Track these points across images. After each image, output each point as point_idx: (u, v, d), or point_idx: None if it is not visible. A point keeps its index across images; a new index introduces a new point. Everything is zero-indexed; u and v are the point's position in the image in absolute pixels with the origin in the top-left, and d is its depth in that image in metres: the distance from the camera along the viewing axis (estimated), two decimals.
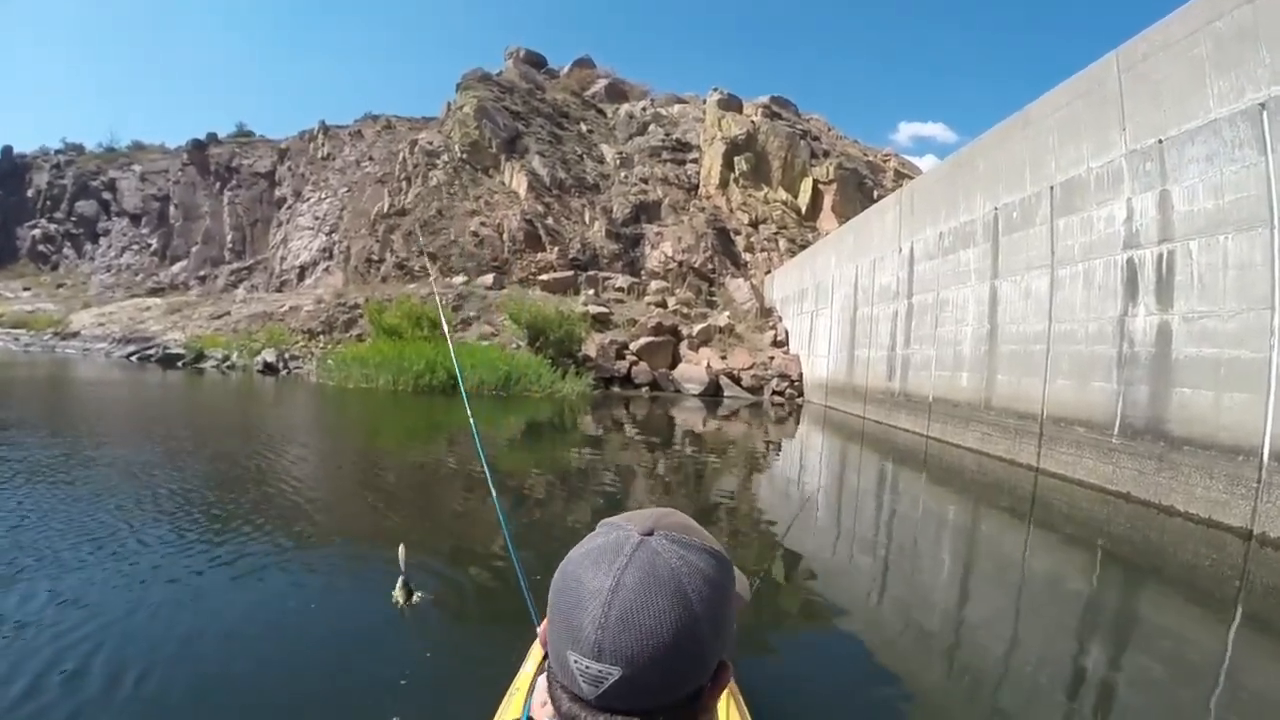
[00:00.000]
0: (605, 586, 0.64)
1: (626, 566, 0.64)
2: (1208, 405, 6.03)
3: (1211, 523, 5.82)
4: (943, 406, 11.21)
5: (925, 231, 12.47)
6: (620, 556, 0.65)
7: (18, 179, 55.25)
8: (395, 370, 16.99)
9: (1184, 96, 6.52)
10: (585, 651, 0.62)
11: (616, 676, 0.62)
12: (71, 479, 6.31)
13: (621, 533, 0.69)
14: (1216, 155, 6.12)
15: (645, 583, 0.64)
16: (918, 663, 3.51)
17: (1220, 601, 4.58)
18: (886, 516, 7.29)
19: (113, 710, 2.54)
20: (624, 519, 0.71)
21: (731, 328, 23.55)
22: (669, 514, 0.73)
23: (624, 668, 0.61)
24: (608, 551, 0.67)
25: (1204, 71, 6.29)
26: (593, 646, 0.62)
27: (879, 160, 36.44)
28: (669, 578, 0.64)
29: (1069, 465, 7.85)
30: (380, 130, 47.24)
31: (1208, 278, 6.15)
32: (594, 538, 0.71)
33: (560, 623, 0.66)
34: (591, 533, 0.73)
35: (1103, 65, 7.79)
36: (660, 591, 0.63)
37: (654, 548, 0.66)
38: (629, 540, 0.67)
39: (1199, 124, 6.32)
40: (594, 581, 0.65)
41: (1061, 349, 8.25)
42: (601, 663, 0.62)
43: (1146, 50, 7.09)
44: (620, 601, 0.62)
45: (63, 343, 31.48)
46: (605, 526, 0.72)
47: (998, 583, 5.15)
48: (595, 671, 0.62)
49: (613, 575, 0.64)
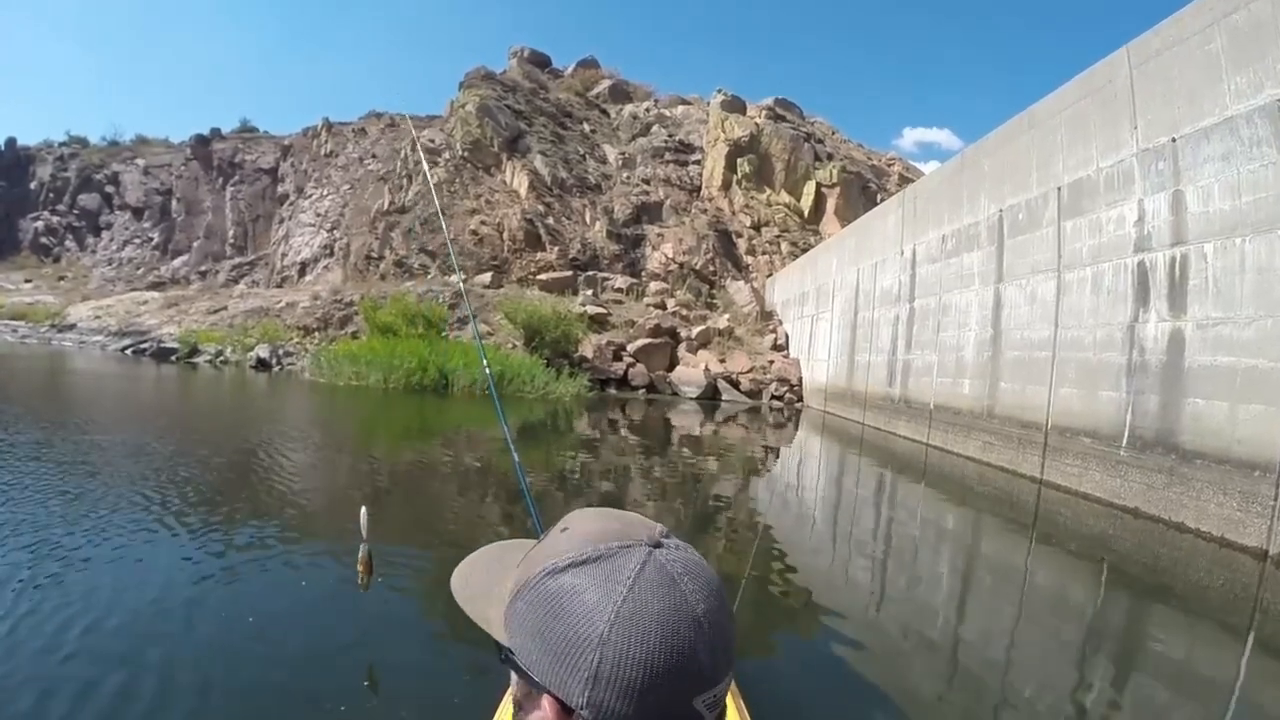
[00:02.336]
0: (697, 612, 0.59)
1: (690, 584, 0.61)
2: (1222, 417, 5.72)
3: (1224, 541, 5.52)
4: (944, 414, 10.90)
5: (928, 234, 12.17)
6: (677, 580, 0.60)
7: (21, 171, 55.28)
8: (386, 368, 16.73)
9: (1198, 93, 6.25)
10: (711, 683, 0.59)
11: (725, 683, 0.61)
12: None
13: (636, 556, 0.61)
14: (1233, 154, 5.84)
15: (708, 586, 0.62)
16: (915, 675, 3.45)
17: (1232, 625, 4.36)
18: (884, 527, 7.10)
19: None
20: (605, 542, 0.62)
21: (731, 331, 23.27)
22: (628, 516, 0.68)
23: (732, 667, 0.62)
24: (663, 581, 0.60)
25: (1220, 67, 6.02)
26: (711, 674, 0.59)
27: (883, 164, 36.16)
28: (707, 570, 0.64)
29: (1074, 478, 7.54)
30: (384, 128, 47.17)
31: (1223, 282, 5.85)
32: (611, 582, 0.59)
33: (665, 682, 0.57)
34: (569, 575, 0.61)
35: (1113, 61, 7.50)
36: (716, 585, 0.63)
37: (681, 553, 0.63)
38: (661, 560, 0.62)
39: (1214, 121, 6.04)
40: (684, 617, 0.59)
41: (1068, 356, 7.94)
42: (722, 680, 0.60)
43: (1159, 45, 6.81)
44: (713, 613, 0.60)
45: (59, 335, 31.35)
46: (598, 566, 0.61)
47: (998, 597, 4.98)
48: (720, 693, 0.60)
49: (690, 600, 0.59)
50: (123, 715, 2.45)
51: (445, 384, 16.70)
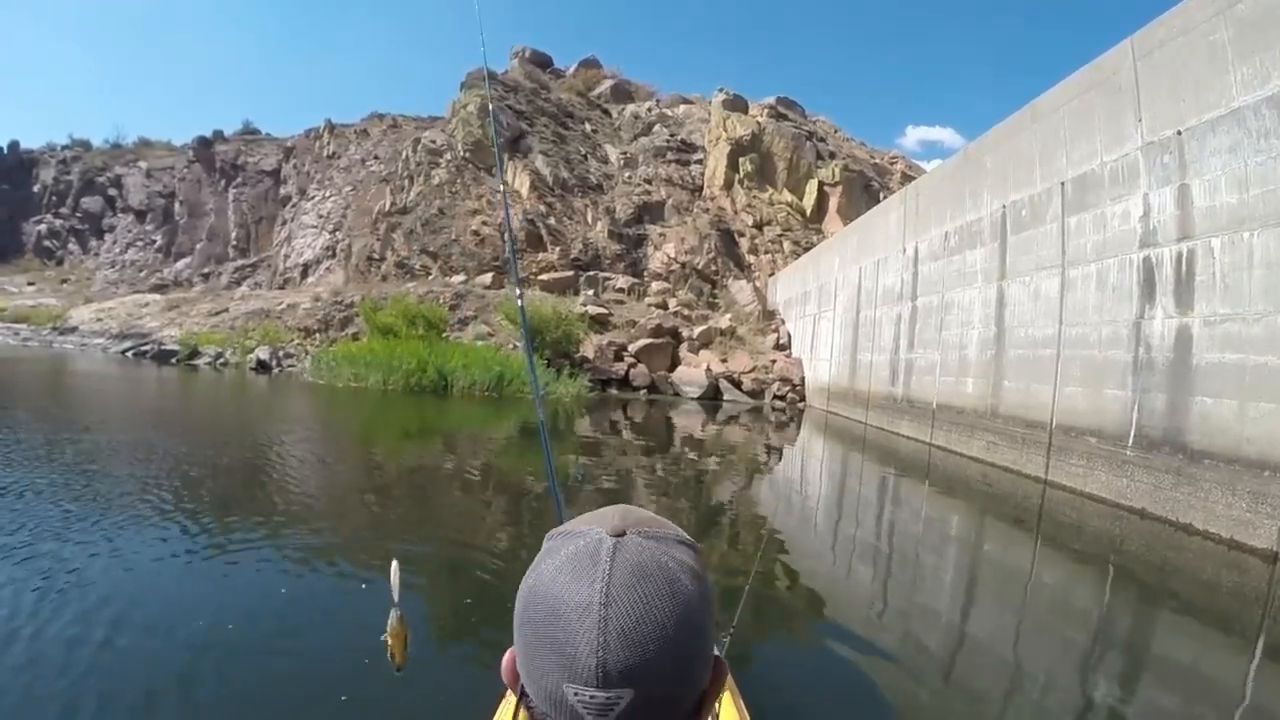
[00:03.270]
0: (594, 601, 0.54)
1: (611, 573, 0.56)
2: (1231, 415, 5.59)
3: (1233, 543, 5.39)
4: (947, 413, 10.77)
5: (930, 231, 12.05)
6: (599, 564, 0.56)
7: (24, 174, 55.44)
8: (385, 370, 16.65)
9: (1204, 84, 6.12)
10: (587, 681, 0.53)
11: (628, 700, 0.53)
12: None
13: (588, 538, 0.59)
14: (1240, 146, 5.71)
15: (637, 588, 0.55)
16: (917, 678, 3.41)
17: (1241, 629, 4.26)
18: (888, 529, 7.04)
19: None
20: (580, 523, 0.63)
21: (733, 330, 23.15)
22: (629, 510, 0.64)
23: (635, 688, 0.53)
24: (583, 561, 0.57)
25: (1226, 57, 5.89)
26: (594, 674, 0.53)
27: (886, 163, 35.97)
28: (660, 576, 0.57)
29: (1079, 478, 7.41)
30: (386, 129, 47.17)
31: (1231, 278, 5.71)
32: (555, 550, 0.60)
33: (544, 654, 0.56)
34: (546, 547, 0.62)
35: (1117, 53, 7.37)
36: (655, 594, 0.56)
37: (632, 547, 0.58)
38: (602, 544, 0.58)
39: (1221, 113, 5.91)
40: (577, 597, 0.55)
41: (1073, 354, 7.81)
42: (609, 689, 0.53)
43: (1164, 36, 6.68)
44: (616, 616, 0.54)
45: (60, 338, 31.36)
46: (562, 536, 0.62)
47: (1001, 599, 4.91)
48: (603, 700, 0.53)
49: (598, 587, 0.55)
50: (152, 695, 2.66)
51: (445, 385, 16.61)
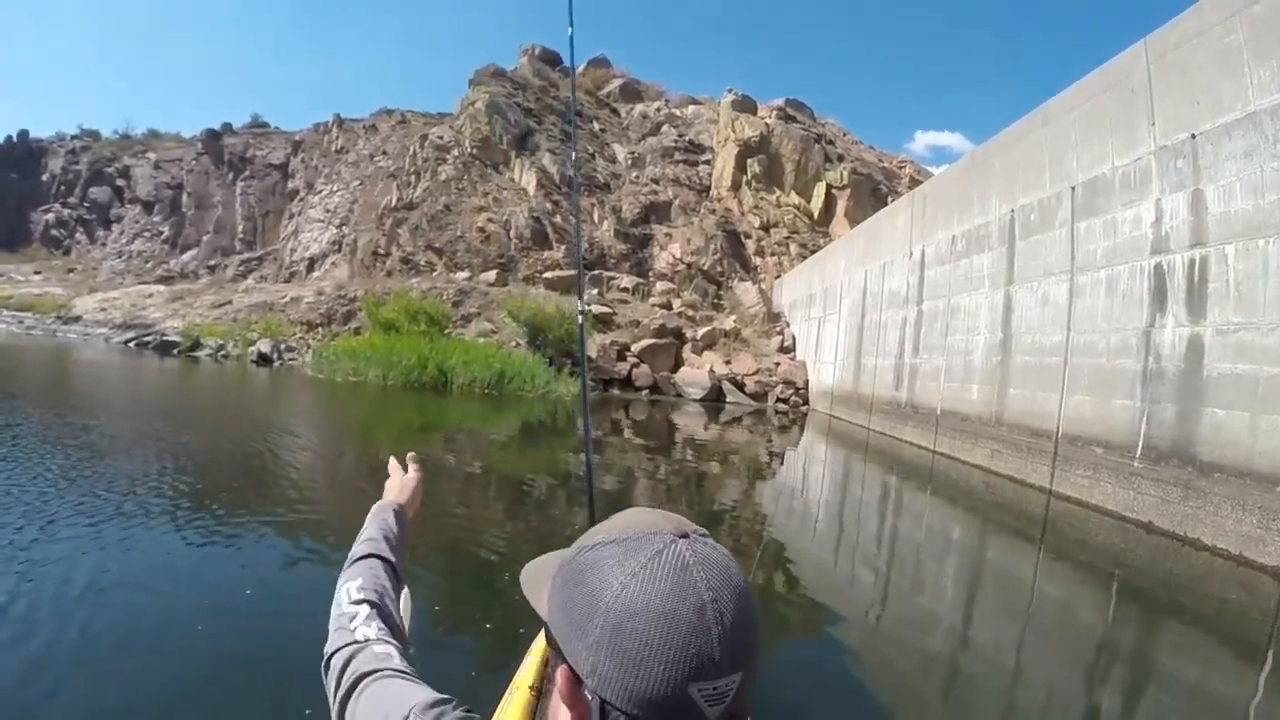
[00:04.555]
0: (704, 599, 0.58)
1: (705, 574, 0.60)
2: (1243, 428, 5.43)
3: (1243, 560, 5.23)
4: (951, 420, 10.61)
5: (937, 235, 11.88)
6: (689, 568, 0.60)
7: (33, 163, 55.67)
8: (385, 365, 16.55)
9: (1219, 87, 5.97)
10: (711, 674, 0.57)
11: (739, 682, 0.58)
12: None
13: (658, 544, 0.62)
14: (1256, 150, 5.56)
15: (728, 582, 0.61)
16: (916, 689, 3.39)
17: (1249, 649, 4.11)
18: (888, 534, 6.94)
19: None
20: (628, 529, 0.64)
21: (737, 332, 22.98)
22: (659, 512, 0.68)
23: (743, 670, 0.59)
24: (671, 566, 0.60)
25: (1241, 60, 5.75)
26: (718, 664, 0.57)
27: (894, 167, 35.76)
28: (732, 568, 0.62)
29: (1085, 489, 7.24)
30: (395, 124, 47.10)
31: (1245, 286, 5.55)
32: (622, 560, 0.61)
33: (660, 661, 0.57)
34: (600, 556, 0.62)
35: (1129, 56, 7.21)
36: (740, 585, 0.61)
37: (701, 547, 0.62)
38: (678, 547, 0.61)
39: (1236, 117, 5.76)
40: (690, 600, 0.58)
41: (1080, 362, 7.65)
42: (726, 676, 0.57)
43: (1178, 39, 6.53)
44: (725, 605, 0.59)
45: (64, 327, 31.42)
46: (618, 545, 0.62)
47: (1003, 612, 4.79)
48: (724, 686, 0.57)
49: (702, 588, 0.59)
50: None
51: (444, 382, 16.50)
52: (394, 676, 0.80)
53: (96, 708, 2.58)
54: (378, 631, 0.88)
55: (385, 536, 1.10)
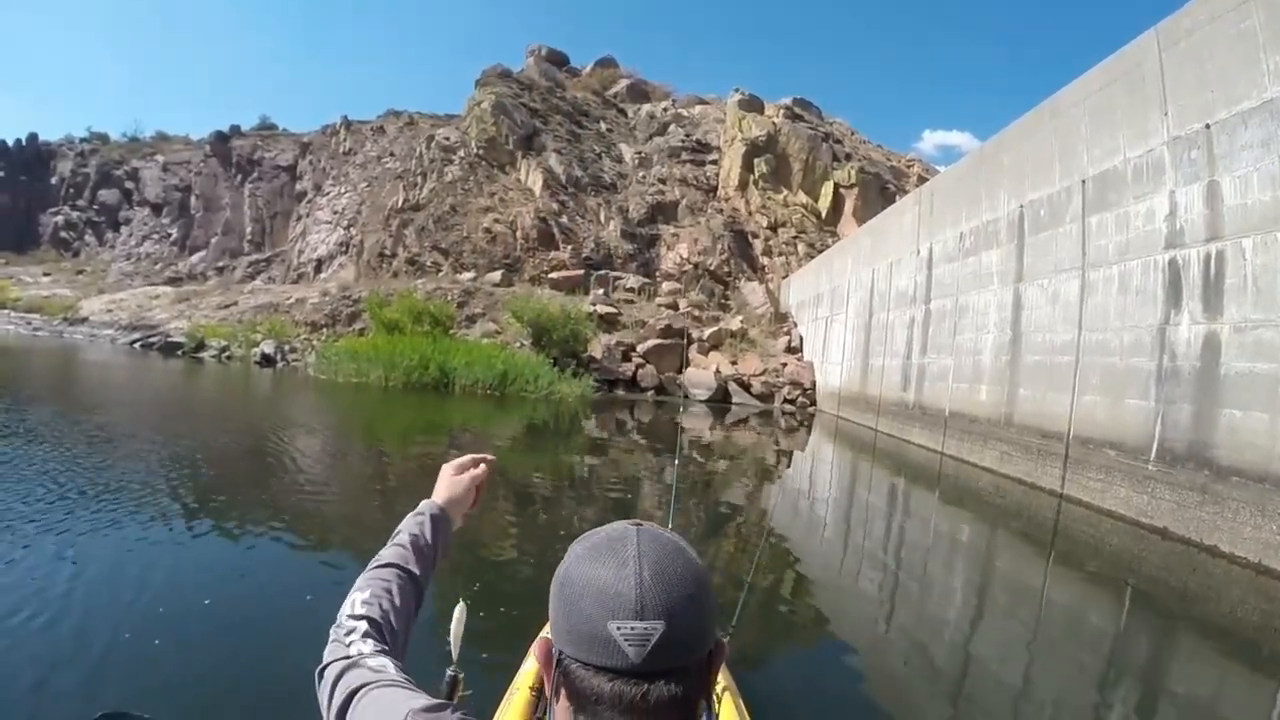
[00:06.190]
0: (630, 555, 0.65)
1: (639, 541, 0.67)
2: (1262, 429, 5.20)
3: (1262, 568, 5.01)
4: (959, 421, 10.37)
5: (945, 232, 11.65)
6: (628, 537, 0.68)
7: (42, 166, 56.10)
8: (387, 365, 16.44)
9: (1234, 75, 5.76)
10: (629, 614, 0.62)
11: (661, 630, 0.62)
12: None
13: (612, 528, 0.70)
14: (1274, 139, 5.35)
15: (662, 547, 0.67)
16: (919, 696, 3.33)
17: (1268, 661, 3.93)
18: (894, 537, 6.79)
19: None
20: (608, 527, 0.72)
21: (744, 332, 22.77)
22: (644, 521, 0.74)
23: (665, 620, 0.63)
24: (614, 538, 0.68)
25: (1257, 45, 5.54)
26: (635, 605, 0.63)
27: (902, 166, 35.47)
28: (676, 545, 0.69)
29: (1097, 493, 7.01)
30: (402, 126, 47.21)
31: (1263, 281, 5.33)
32: (584, 540, 0.71)
33: (586, 603, 0.65)
34: (584, 539, 0.71)
35: (1140, 44, 6.99)
36: (676, 552, 0.67)
37: (651, 529, 0.70)
38: (626, 528, 0.69)
39: (1252, 105, 5.55)
40: (616, 557, 0.66)
41: (1092, 361, 7.41)
42: (645, 620, 0.62)
43: (1190, 25, 6.31)
44: (649, 563, 0.65)
45: (71, 328, 31.55)
46: (586, 535, 0.71)
47: (1011, 619, 4.64)
48: (641, 630, 0.62)
49: (630, 550, 0.66)
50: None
51: (447, 383, 16.36)
52: (389, 686, 0.79)
53: (96, 708, 2.44)
54: (373, 647, 0.87)
55: (414, 543, 1.06)
